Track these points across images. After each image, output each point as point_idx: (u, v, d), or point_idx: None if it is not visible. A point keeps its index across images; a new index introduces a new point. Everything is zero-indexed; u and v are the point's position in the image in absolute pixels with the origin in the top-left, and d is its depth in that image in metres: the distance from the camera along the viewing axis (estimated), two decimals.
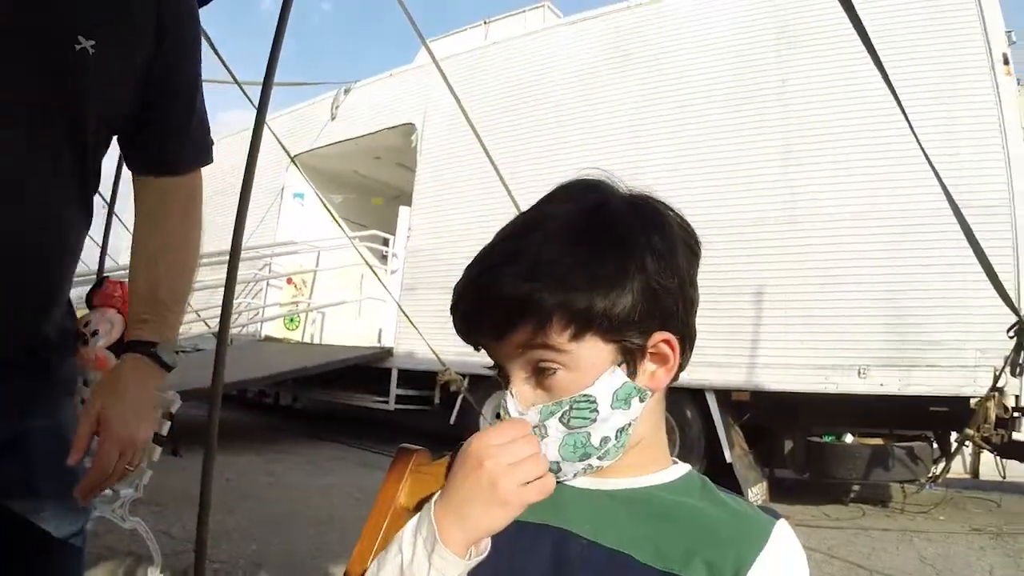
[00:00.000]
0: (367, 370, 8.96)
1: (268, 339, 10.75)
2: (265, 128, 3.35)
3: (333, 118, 10.84)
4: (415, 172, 9.54)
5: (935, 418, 6.04)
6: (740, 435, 6.65)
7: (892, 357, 5.89)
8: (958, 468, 6.68)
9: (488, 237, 0.82)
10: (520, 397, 0.77)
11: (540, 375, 0.77)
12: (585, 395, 0.75)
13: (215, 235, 12.54)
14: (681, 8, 7.59)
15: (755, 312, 6.42)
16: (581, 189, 0.82)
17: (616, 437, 0.77)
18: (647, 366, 0.79)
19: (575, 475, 0.78)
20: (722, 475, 6.04)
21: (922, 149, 3.78)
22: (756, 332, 6.39)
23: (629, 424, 0.78)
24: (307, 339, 11.45)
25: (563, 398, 0.76)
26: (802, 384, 6.17)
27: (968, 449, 6.25)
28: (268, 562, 4.09)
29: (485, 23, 10.79)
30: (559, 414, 0.75)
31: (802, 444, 6.51)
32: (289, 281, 11.40)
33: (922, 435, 6.28)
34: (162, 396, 3.81)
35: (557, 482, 0.76)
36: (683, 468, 0.87)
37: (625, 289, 0.74)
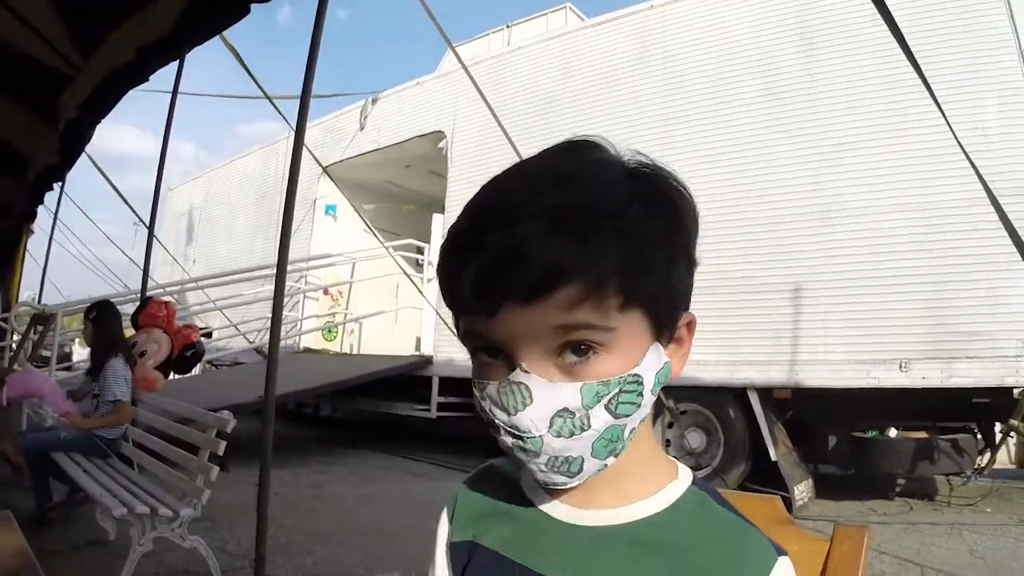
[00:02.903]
0: (408, 378, 9.02)
1: (307, 351, 10.86)
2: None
3: (362, 128, 10.95)
4: (447, 179, 9.61)
5: (978, 409, 6.04)
6: (784, 433, 6.66)
7: (933, 350, 5.86)
8: (1003, 459, 6.66)
9: None
10: (542, 376, 0.63)
11: (566, 359, 0.62)
12: (634, 375, 0.63)
13: (248, 250, 12.62)
14: (703, 7, 7.56)
15: (794, 309, 6.42)
16: (595, 147, 0.74)
17: (630, 434, 0.66)
18: (668, 352, 0.68)
19: (587, 477, 0.66)
20: (767, 473, 6.09)
21: (956, 138, 3.79)
22: (796, 329, 6.39)
23: (643, 419, 0.67)
24: (345, 349, 11.56)
25: (609, 378, 0.62)
26: (843, 380, 6.16)
27: (1013, 439, 6.23)
28: (322, 575, 4.18)
29: (507, 27, 10.83)
30: (607, 398, 0.62)
31: (846, 440, 6.56)
32: (326, 292, 11.52)
33: (966, 427, 6.28)
34: (216, 416, 3.93)
35: (566, 489, 0.68)
36: (678, 489, 0.71)
37: (675, 260, 0.65)
